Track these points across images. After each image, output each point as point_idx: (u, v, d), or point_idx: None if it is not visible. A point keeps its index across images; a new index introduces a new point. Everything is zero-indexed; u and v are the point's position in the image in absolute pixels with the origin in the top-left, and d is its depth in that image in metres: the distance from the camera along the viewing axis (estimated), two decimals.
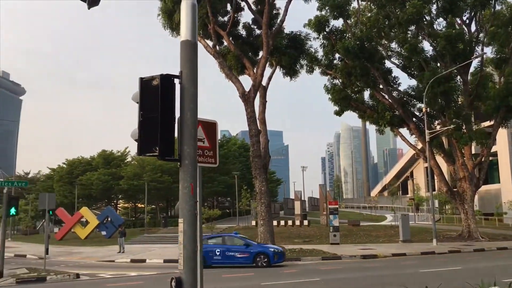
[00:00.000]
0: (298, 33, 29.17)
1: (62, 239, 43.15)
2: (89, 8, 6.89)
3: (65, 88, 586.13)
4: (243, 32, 29.44)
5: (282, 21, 27.49)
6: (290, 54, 28.02)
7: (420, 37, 31.56)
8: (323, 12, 30.96)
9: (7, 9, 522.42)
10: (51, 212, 24.38)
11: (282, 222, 41.50)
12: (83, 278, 18.05)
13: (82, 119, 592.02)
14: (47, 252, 22.89)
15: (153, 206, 62.59)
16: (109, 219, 43.73)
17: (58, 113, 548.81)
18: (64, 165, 66.69)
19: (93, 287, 16.25)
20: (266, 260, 19.97)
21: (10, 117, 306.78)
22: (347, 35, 31.93)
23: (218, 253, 20.36)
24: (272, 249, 20.66)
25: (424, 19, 30.73)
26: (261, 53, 27.78)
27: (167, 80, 5.25)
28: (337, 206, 31.03)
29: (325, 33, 31.78)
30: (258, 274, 17.78)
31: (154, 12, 31.64)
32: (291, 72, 29.21)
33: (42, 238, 37.51)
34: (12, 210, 18.85)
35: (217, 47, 27.86)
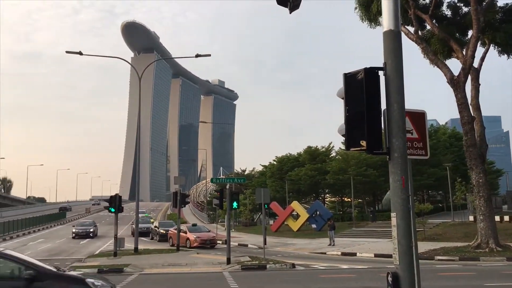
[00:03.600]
0: None
1: (277, 230, 46.51)
2: (290, 13, 7.22)
3: (271, 89, 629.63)
4: (447, 13, 27.27)
5: None
6: (506, 29, 24.91)
7: None
8: None
9: (217, 28, 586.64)
10: (266, 205, 26.56)
11: (506, 218, 37.12)
12: (298, 268, 19.12)
13: (286, 117, 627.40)
14: (265, 242, 25.03)
15: (359, 200, 62.62)
16: (318, 212, 45.40)
17: (266, 113, 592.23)
18: (275, 162, 71.54)
19: (308, 277, 17.07)
20: None
21: (227, 121, 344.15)
22: None
23: None
24: None
25: None
26: (470, 33, 25.35)
27: (371, 73, 5.19)
28: None
29: None
30: (479, 274, 16.30)
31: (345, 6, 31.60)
32: (508, 49, 25.94)
33: (259, 229, 41.11)
34: (234, 204, 21.23)
35: (419, 32, 26.40)
